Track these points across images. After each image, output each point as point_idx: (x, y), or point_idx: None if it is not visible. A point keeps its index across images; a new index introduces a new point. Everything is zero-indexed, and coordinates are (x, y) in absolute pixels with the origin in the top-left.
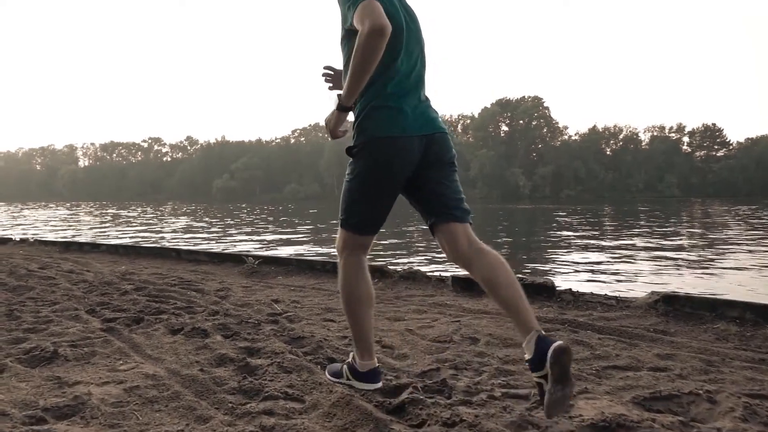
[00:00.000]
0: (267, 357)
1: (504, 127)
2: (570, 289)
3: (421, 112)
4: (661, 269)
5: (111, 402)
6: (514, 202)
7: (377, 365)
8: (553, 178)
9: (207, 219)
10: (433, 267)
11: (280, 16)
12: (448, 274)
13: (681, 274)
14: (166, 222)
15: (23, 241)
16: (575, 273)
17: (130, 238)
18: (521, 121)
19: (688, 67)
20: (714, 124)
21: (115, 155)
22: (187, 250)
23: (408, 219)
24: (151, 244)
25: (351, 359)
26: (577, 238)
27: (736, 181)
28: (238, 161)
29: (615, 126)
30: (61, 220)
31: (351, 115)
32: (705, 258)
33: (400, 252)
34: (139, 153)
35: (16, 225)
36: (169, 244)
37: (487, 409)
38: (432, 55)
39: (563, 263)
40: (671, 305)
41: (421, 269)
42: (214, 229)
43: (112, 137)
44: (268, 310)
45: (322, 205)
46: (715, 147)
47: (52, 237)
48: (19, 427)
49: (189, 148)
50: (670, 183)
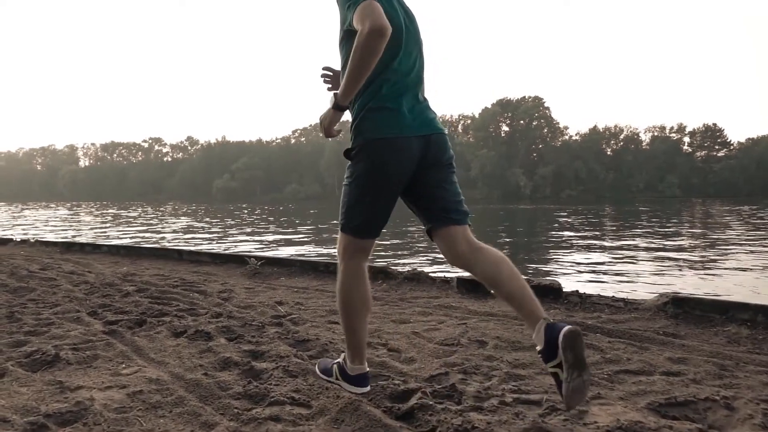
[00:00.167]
0: (272, 360)
1: (504, 128)
2: (577, 291)
3: (419, 113)
4: (664, 270)
5: (114, 408)
6: (515, 202)
7: (367, 370)
8: (553, 179)
9: (207, 219)
10: (435, 268)
11: (280, 16)
12: (452, 276)
13: (684, 275)
14: (166, 222)
15: (24, 241)
16: (578, 273)
17: (131, 238)
18: (522, 121)
19: (688, 67)
20: (715, 124)
21: (115, 155)
22: (189, 251)
23: (409, 219)
24: (152, 244)
25: (342, 360)
26: (579, 238)
27: (737, 181)
28: (238, 161)
29: (616, 126)
30: (62, 220)
31: (347, 115)
32: (708, 258)
33: (401, 252)
34: (139, 153)
35: (16, 225)
36: (169, 245)
37: (499, 415)
38: (432, 55)
39: (565, 264)
40: (680, 307)
41: (424, 270)
42: (214, 229)
43: (113, 137)
44: (272, 312)
45: (322, 206)
46: (716, 147)
47: (52, 237)
48: None
49: (189, 148)
50: (670, 183)
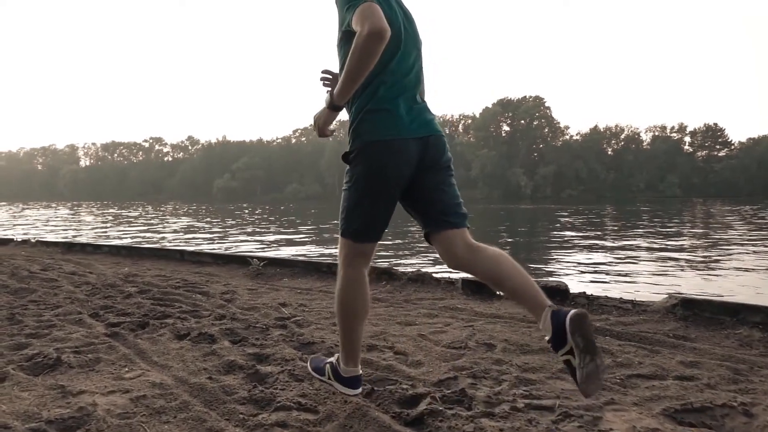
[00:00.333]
0: (277, 364)
1: (505, 127)
2: (584, 292)
3: (416, 114)
4: (667, 270)
5: (117, 413)
6: (516, 202)
7: (360, 373)
8: (554, 178)
9: (208, 219)
10: (439, 268)
11: (281, 16)
12: (457, 277)
13: (687, 276)
14: (167, 222)
15: (25, 241)
16: (581, 274)
17: (132, 238)
18: (522, 121)
19: (689, 67)
20: (716, 124)
21: (116, 155)
22: (191, 251)
23: (410, 219)
24: (153, 244)
25: (335, 361)
26: (580, 238)
27: (738, 181)
28: (239, 161)
29: (616, 126)
30: (63, 220)
31: (344, 115)
32: (710, 259)
33: (403, 253)
34: (140, 153)
35: (17, 225)
36: (170, 245)
37: (511, 422)
38: (432, 55)
39: (568, 264)
40: (690, 309)
41: (428, 271)
42: (215, 229)
43: (114, 137)
44: (276, 314)
45: (323, 205)
46: (717, 147)
47: (53, 237)
48: None
49: (190, 147)
50: (671, 183)
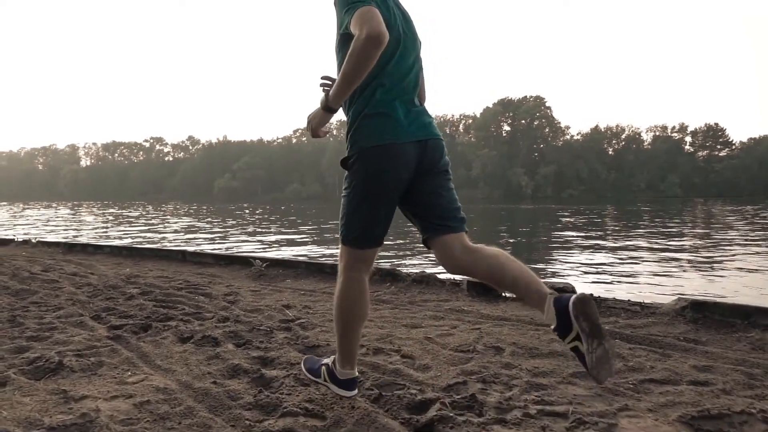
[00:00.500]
0: (282, 368)
1: (506, 127)
2: (591, 294)
3: (414, 117)
4: (671, 271)
5: (120, 419)
6: (516, 202)
7: (357, 375)
8: (555, 178)
9: (209, 219)
10: (442, 269)
11: (281, 16)
12: (462, 278)
13: (691, 276)
14: (168, 222)
15: (26, 242)
16: (584, 275)
17: (132, 238)
18: (523, 121)
19: (690, 66)
20: (716, 124)
21: (116, 155)
22: (193, 252)
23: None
24: (154, 245)
25: (331, 363)
26: (582, 238)
27: (739, 181)
28: (239, 161)
29: (617, 126)
30: (63, 220)
31: (341, 115)
32: (713, 259)
33: (404, 253)
34: (140, 153)
35: (17, 225)
36: (171, 245)
37: (524, 428)
38: (432, 55)
39: (570, 264)
40: (700, 312)
41: (433, 272)
42: (216, 229)
43: (114, 137)
44: (280, 316)
45: (324, 205)
46: (718, 147)
47: (54, 237)
48: None
49: (191, 147)
50: (672, 183)
